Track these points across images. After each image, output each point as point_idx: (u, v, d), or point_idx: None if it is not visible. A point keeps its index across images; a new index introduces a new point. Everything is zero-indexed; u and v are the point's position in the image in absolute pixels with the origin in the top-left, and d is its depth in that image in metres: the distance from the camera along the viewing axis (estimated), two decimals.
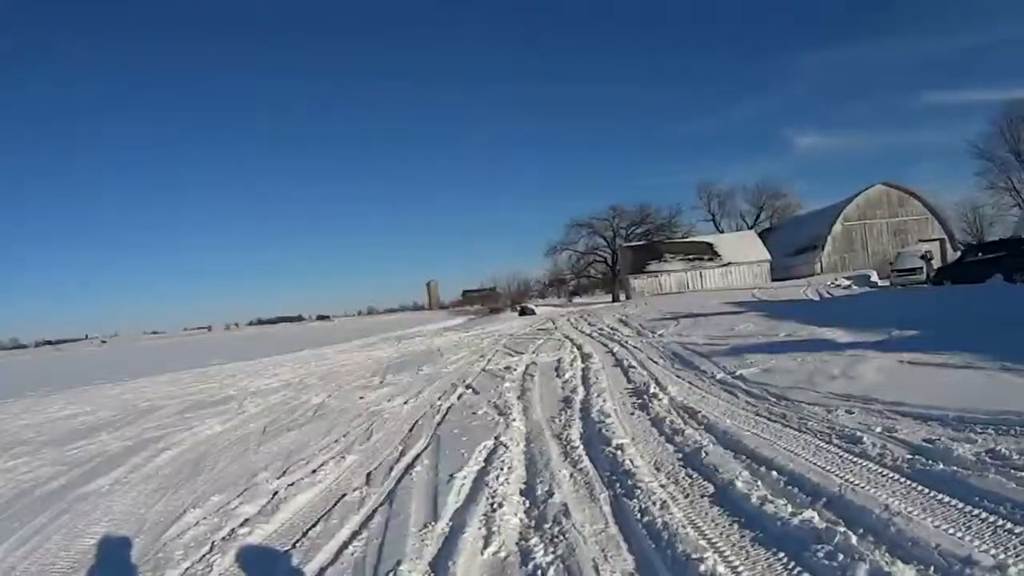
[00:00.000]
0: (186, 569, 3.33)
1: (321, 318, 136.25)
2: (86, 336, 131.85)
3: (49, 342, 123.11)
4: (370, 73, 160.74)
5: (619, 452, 4.33)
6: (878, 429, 4.09)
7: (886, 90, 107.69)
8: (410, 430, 6.31)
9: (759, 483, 3.40)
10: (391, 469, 4.86)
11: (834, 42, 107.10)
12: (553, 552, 2.89)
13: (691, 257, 37.76)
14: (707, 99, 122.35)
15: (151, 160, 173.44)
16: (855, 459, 3.59)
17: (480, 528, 3.32)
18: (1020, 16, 65.24)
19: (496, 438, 5.30)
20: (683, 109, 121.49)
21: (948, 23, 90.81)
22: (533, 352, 12.44)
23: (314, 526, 3.75)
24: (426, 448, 5.40)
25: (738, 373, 6.84)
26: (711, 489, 3.49)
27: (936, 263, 25.01)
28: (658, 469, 3.99)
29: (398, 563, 2.97)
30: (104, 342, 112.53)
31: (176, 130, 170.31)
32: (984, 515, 2.66)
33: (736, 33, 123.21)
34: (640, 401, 6.20)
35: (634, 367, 8.53)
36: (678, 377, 7.34)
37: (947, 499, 2.87)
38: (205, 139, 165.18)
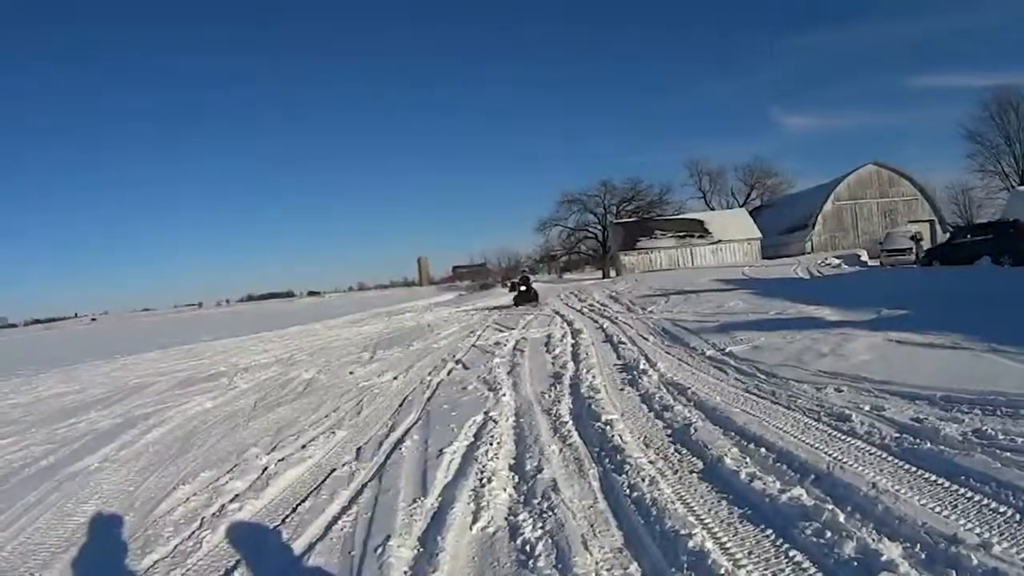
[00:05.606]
0: (176, 545, 3.32)
1: (312, 294, 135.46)
2: (75, 315, 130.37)
3: (39, 321, 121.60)
4: (358, 49, 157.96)
5: (608, 428, 4.33)
6: (866, 408, 4.11)
7: (878, 71, 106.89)
8: (400, 405, 6.29)
9: (748, 460, 3.42)
10: (381, 444, 4.85)
11: (827, 21, 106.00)
12: (542, 527, 2.90)
13: (682, 234, 37.63)
14: (698, 78, 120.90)
15: (140, 138, 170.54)
16: (843, 437, 3.61)
17: (469, 503, 3.33)
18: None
19: (486, 413, 5.29)
20: (674, 86, 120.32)
21: (940, 5, 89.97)
22: (523, 328, 12.43)
23: (304, 501, 3.74)
24: (416, 423, 5.39)
25: (727, 350, 6.85)
26: (700, 465, 3.51)
27: (925, 244, 25.14)
28: (647, 445, 4.00)
29: (387, 538, 2.96)
30: (94, 319, 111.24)
31: (165, 108, 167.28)
32: (970, 494, 2.68)
33: (728, 11, 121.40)
34: (630, 377, 6.21)
35: (624, 343, 8.54)
36: (668, 353, 7.35)
37: (934, 478, 2.89)
38: (194, 117, 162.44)
